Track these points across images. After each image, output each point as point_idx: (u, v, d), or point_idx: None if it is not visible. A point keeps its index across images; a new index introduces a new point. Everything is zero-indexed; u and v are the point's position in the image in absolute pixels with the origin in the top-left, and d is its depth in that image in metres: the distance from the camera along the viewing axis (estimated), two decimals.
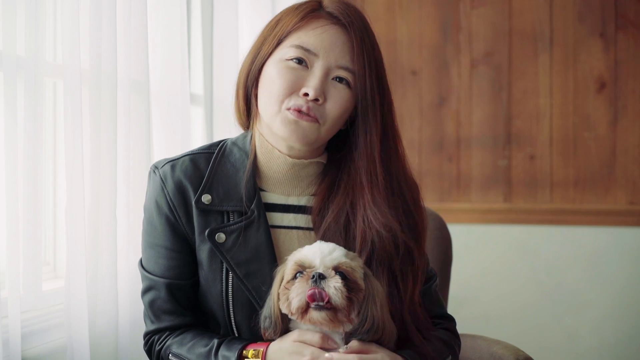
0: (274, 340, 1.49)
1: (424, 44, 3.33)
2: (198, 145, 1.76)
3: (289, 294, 1.42)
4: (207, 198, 1.59)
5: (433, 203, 3.20)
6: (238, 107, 1.69)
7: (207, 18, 2.58)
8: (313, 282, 1.40)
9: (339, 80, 1.58)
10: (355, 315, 1.43)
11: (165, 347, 1.60)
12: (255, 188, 1.61)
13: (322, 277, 1.40)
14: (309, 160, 1.64)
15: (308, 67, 1.57)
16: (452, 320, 1.74)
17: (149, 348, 1.65)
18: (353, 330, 1.45)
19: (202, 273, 1.60)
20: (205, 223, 1.59)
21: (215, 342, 1.55)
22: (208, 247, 1.58)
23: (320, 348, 1.44)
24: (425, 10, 3.33)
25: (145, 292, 1.63)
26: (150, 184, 1.64)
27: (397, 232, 1.56)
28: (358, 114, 1.60)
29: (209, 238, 1.57)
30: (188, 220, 1.60)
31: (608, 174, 3.17)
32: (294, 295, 1.41)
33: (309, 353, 1.44)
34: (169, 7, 2.18)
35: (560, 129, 3.21)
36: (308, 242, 1.55)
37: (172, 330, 1.62)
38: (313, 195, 1.64)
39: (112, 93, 1.81)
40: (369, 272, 1.49)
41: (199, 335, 1.59)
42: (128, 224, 1.88)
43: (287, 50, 1.58)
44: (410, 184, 1.65)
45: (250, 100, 1.65)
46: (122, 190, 1.86)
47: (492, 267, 3.27)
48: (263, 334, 1.50)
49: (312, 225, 1.62)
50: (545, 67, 3.22)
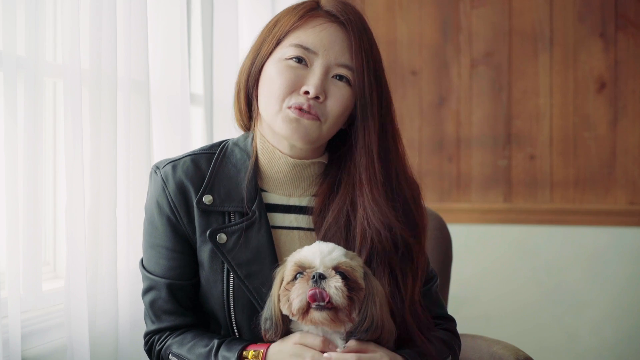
0: (275, 342, 1.49)
1: (424, 44, 3.33)
2: (198, 146, 1.76)
3: (290, 295, 1.42)
4: (208, 198, 1.59)
5: (433, 203, 3.20)
6: (239, 108, 1.68)
7: (207, 18, 2.58)
8: (313, 282, 1.40)
9: (339, 78, 1.58)
10: (357, 315, 1.43)
11: (166, 347, 1.60)
12: (257, 189, 1.61)
13: (322, 277, 1.40)
14: (310, 161, 1.64)
15: (308, 65, 1.57)
16: (452, 321, 1.74)
17: (149, 348, 1.64)
18: (352, 329, 1.44)
19: (203, 274, 1.60)
20: (207, 223, 1.58)
21: (216, 342, 1.55)
22: (209, 247, 1.58)
23: (321, 352, 1.44)
24: (425, 10, 3.32)
25: (146, 292, 1.63)
26: (152, 184, 1.64)
27: (396, 230, 1.56)
28: (357, 112, 1.60)
29: (210, 239, 1.57)
30: (189, 221, 1.60)
31: (608, 174, 3.17)
32: (295, 296, 1.41)
33: (310, 356, 1.43)
34: (169, 7, 2.17)
35: (560, 129, 3.21)
36: (309, 242, 1.54)
37: (172, 331, 1.61)
38: (314, 196, 1.64)
39: (112, 93, 1.81)
40: (369, 271, 1.49)
41: (199, 336, 1.59)
42: (128, 224, 1.88)
43: (286, 50, 1.58)
44: (411, 183, 1.65)
45: (251, 102, 1.65)
46: (122, 190, 1.85)
47: (492, 267, 3.26)
48: (264, 336, 1.49)
49: (313, 226, 1.62)
50: (545, 67, 3.22)
